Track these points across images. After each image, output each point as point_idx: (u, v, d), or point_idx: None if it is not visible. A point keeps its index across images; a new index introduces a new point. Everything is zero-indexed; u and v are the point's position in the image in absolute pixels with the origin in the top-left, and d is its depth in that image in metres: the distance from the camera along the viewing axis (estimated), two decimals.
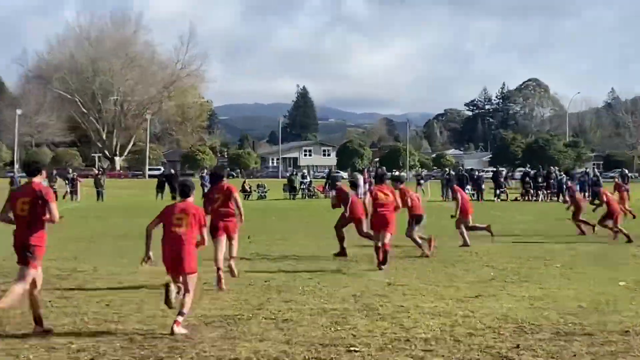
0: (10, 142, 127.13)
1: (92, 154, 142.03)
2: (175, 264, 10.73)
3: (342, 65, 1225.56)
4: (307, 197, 58.58)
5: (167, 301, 10.53)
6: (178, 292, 10.62)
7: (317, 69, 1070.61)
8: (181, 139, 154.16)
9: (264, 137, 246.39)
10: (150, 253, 10.82)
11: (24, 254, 10.52)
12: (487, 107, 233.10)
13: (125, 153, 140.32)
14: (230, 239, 14.80)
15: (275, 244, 21.99)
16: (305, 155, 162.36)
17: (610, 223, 24.23)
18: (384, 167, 61.35)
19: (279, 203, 50.10)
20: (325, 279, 15.46)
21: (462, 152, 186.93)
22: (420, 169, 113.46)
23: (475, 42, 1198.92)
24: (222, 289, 13.85)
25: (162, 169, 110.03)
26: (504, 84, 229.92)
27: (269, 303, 12.67)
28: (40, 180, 10.92)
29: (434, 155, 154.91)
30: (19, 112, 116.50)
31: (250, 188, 59.56)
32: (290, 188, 59.37)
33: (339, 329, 10.63)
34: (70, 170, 65.05)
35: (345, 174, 73.14)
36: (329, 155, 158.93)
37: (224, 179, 15.36)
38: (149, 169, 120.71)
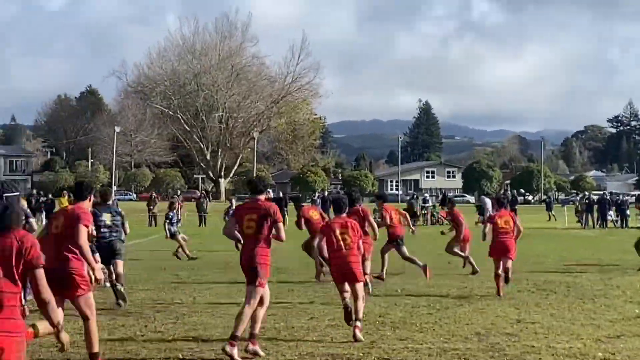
0: (108, 162, 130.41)
1: (195, 175, 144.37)
2: (344, 274, 12.77)
3: (469, 78, 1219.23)
4: (429, 224, 58.16)
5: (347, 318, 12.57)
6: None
7: (441, 82, 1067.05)
8: (291, 159, 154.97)
9: (382, 157, 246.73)
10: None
11: (252, 273, 11.45)
12: (632, 123, 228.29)
13: (231, 174, 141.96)
14: (364, 259, 14.94)
15: (392, 276, 21.83)
16: (427, 177, 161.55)
17: None
18: (515, 191, 60.60)
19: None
20: (446, 314, 15.25)
21: (604, 174, 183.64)
22: (556, 192, 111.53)
23: (619, 50, 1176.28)
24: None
25: (270, 192, 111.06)
26: None
27: (382, 341, 12.54)
28: (263, 197, 11.87)
29: (572, 178, 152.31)
30: (117, 129, 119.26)
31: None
32: (411, 213, 58.94)
33: None
34: (178, 193, 66.33)
35: (471, 198, 72.49)
36: (454, 177, 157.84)
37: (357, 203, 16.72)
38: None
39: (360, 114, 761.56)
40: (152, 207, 56.57)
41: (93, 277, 10.76)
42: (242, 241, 11.76)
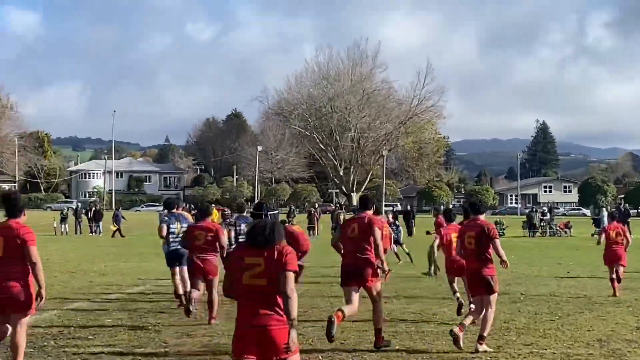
0: (251, 177, 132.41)
1: (329, 190, 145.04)
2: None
3: (584, 99, 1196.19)
4: (548, 235, 57.02)
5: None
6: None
7: (558, 103, 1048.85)
8: (418, 175, 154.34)
9: (502, 173, 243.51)
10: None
11: (483, 284, 11.94)
12: None
13: (362, 189, 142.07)
14: None
15: (515, 283, 21.41)
16: (545, 191, 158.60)
17: None
18: (627, 205, 58.82)
19: (518, 241, 48.85)
20: (568, 321, 14.85)
21: None
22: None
23: None
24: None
25: (398, 205, 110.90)
26: None
27: (507, 346, 12.26)
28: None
29: None
30: (259, 148, 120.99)
31: None
32: (530, 225, 58.03)
33: None
34: (316, 206, 66.72)
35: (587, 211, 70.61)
36: (570, 191, 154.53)
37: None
38: (385, 205, 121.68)
39: (481, 133, 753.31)
40: (291, 219, 56.85)
41: None
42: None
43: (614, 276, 18.81)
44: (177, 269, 16.03)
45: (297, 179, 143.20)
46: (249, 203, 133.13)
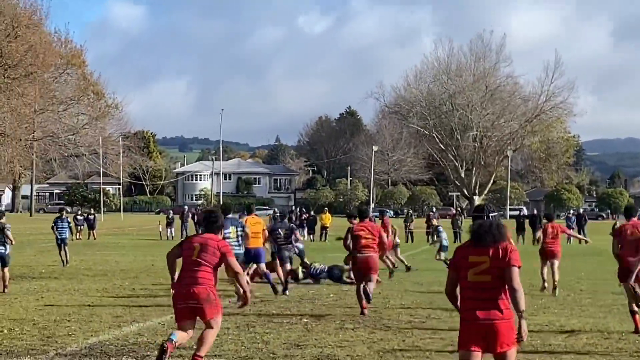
0: (366, 180, 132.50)
1: (450, 193, 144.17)
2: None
3: None
4: None
5: None
6: None
7: None
8: (545, 176, 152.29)
9: (637, 174, 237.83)
10: None
11: None
12: None
13: (485, 192, 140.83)
14: None
15: None
16: None
17: None
18: None
19: None
20: None
21: None
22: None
23: None
24: None
25: (524, 209, 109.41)
26: None
27: None
28: None
29: None
30: (375, 148, 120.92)
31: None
32: None
33: None
34: (434, 210, 66.57)
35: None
36: None
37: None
38: (510, 209, 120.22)
39: (615, 132, 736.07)
40: (408, 224, 56.77)
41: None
42: None
43: None
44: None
45: (415, 181, 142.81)
46: (365, 206, 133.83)
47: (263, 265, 21.19)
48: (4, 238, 20.66)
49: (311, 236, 56.08)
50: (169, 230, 55.78)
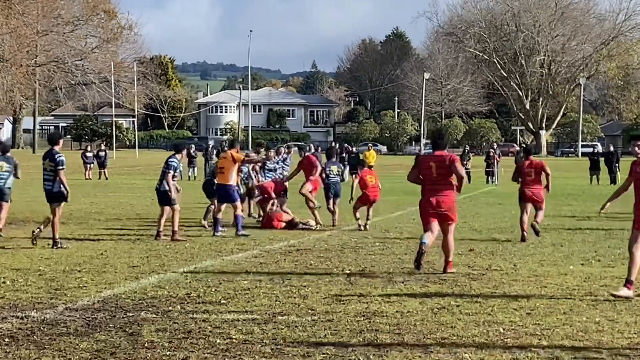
0: (417, 112, 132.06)
1: (513, 127, 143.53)
2: None
3: None
4: None
5: None
6: None
7: None
8: (623, 108, 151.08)
9: None
10: None
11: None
12: None
13: (553, 126, 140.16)
14: None
15: None
16: None
17: None
18: None
19: None
20: None
21: None
22: None
23: None
24: None
25: (599, 145, 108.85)
26: None
27: None
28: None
29: None
30: (426, 76, 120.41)
31: None
32: None
33: None
34: (495, 146, 66.30)
35: None
36: None
37: None
38: (582, 146, 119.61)
39: None
40: (465, 162, 56.59)
41: None
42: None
43: None
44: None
45: (472, 113, 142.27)
46: (413, 142, 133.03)
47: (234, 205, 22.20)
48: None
49: (354, 176, 56.03)
50: (190, 170, 55.94)
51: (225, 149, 26.88)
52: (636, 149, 13.67)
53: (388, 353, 9.82)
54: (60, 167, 19.38)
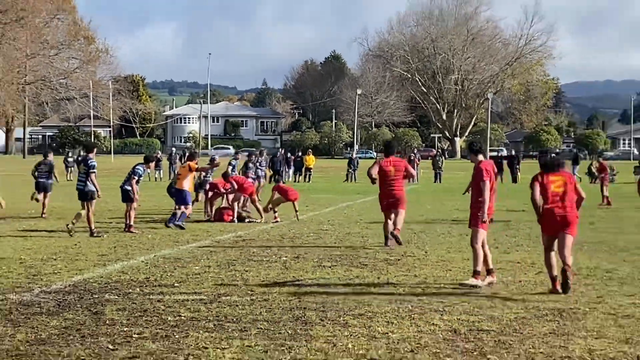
0: (351, 122, 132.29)
1: (432, 135, 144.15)
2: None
3: None
4: None
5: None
6: None
7: None
8: (524, 118, 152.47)
9: (615, 116, 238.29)
10: None
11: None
12: None
13: (466, 134, 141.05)
14: None
15: (622, 233, 20.97)
16: None
17: None
18: None
19: (626, 187, 47.30)
20: None
21: None
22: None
23: None
24: None
25: (504, 149, 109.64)
26: None
27: (609, 296, 12.02)
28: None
29: None
30: (359, 92, 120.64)
31: (597, 170, 57.49)
32: None
33: None
34: (415, 151, 66.60)
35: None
36: None
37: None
38: (490, 150, 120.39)
39: (593, 75, 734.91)
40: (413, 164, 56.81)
41: None
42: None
43: None
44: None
45: (398, 123, 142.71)
46: (349, 148, 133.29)
47: (183, 207, 22.60)
48: None
49: (298, 177, 56.22)
50: (157, 172, 55.69)
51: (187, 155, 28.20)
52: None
53: (313, 327, 9.86)
54: (92, 171, 20.24)
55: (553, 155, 13.29)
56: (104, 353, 8.65)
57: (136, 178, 21.35)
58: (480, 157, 13.58)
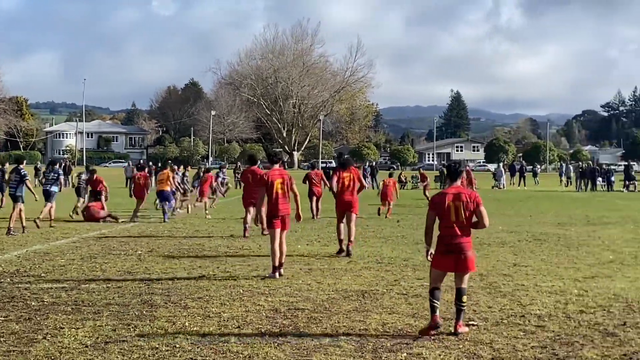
0: (206, 138, 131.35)
1: (274, 149, 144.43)
2: None
3: (494, 71, 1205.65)
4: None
5: None
6: None
7: (472, 75, 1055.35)
8: (350, 136, 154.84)
9: (422, 135, 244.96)
10: None
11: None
12: (621, 108, 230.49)
13: (302, 149, 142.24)
14: None
15: (420, 228, 21.62)
16: (457, 150, 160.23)
17: None
18: (523, 162, 59.47)
19: (433, 192, 48.76)
20: None
21: (597, 148, 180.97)
22: (558, 162, 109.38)
23: (616, 49, 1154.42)
24: None
25: (333, 162, 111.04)
26: (636, 88, 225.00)
27: (403, 280, 12.40)
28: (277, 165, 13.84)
29: (571, 151, 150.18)
30: (213, 113, 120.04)
31: (405, 179, 59.46)
32: (443, 179, 58.64)
33: None
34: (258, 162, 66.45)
35: (492, 167, 71.28)
36: (478, 150, 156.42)
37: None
38: (322, 162, 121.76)
39: (405, 101, 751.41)
40: (237, 174, 56.73)
41: None
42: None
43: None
44: None
45: (246, 139, 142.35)
46: (204, 160, 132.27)
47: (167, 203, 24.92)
48: None
49: None
50: (36, 180, 53.92)
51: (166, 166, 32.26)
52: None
53: (157, 309, 9.79)
54: (26, 178, 20.29)
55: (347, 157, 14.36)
56: None
57: (29, 178, 20.51)
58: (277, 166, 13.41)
